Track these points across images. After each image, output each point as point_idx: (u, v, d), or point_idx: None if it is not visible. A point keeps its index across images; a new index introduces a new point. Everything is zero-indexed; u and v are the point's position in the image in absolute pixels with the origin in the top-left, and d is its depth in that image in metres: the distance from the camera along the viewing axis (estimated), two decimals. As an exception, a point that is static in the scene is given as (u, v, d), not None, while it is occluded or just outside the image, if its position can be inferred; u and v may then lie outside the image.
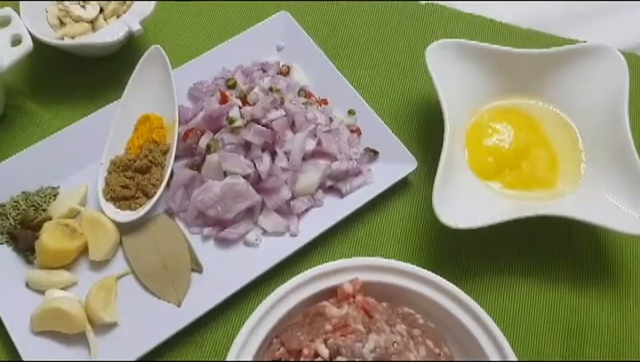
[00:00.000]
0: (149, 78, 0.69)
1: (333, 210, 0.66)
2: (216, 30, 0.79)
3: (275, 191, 0.65)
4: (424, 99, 0.75)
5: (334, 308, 0.57)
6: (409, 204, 0.69)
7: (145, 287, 0.62)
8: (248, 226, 0.65)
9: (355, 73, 0.75)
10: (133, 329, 0.60)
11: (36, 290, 0.61)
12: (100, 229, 0.63)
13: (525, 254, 0.66)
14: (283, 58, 0.75)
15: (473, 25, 0.80)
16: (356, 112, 0.71)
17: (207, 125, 0.67)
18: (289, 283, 0.57)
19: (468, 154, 0.67)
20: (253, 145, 0.65)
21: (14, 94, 0.73)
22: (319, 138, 0.67)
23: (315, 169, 0.66)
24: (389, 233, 0.67)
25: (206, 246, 0.65)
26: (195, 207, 0.65)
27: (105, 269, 0.63)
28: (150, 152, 0.66)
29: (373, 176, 0.68)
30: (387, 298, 0.59)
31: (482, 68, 0.70)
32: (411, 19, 0.80)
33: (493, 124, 0.69)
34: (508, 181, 0.66)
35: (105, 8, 0.73)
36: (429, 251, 0.66)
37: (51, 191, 0.66)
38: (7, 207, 0.65)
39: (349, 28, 0.80)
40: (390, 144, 0.68)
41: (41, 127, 0.72)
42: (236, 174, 0.64)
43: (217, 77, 0.73)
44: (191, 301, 0.61)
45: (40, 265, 0.62)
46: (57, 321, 0.58)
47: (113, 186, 0.65)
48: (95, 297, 0.60)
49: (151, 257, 0.63)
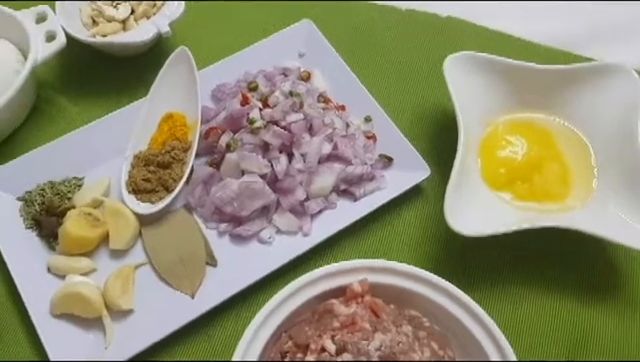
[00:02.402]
0: (175, 77, 0.72)
1: (346, 213, 0.68)
2: (240, 34, 0.81)
3: (290, 191, 0.67)
4: (440, 109, 0.77)
5: (342, 306, 0.58)
6: (420, 211, 0.70)
7: (161, 277, 0.64)
8: (262, 224, 0.67)
9: (373, 81, 0.76)
10: (148, 317, 0.62)
11: (57, 275, 0.64)
12: (121, 219, 0.65)
13: (533, 265, 0.67)
14: (304, 64, 0.77)
15: (492, 40, 0.81)
16: (372, 119, 0.73)
17: (228, 125, 0.70)
18: (299, 280, 0.59)
19: (481, 164, 0.69)
20: (271, 146, 0.67)
21: (46, 88, 0.77)
22: (335, 142, 0.68)
23: (330, 172, 0.68)
24: (400, 238, 0.69)
25: (221, 241, 0.67)
26: (213, 203, 0.67)
27: (124, 258, 0.66)
28: (172, 148, 0.69)
29: (386, 182, 0.69)
30: (395, 300, 0.60)
31: (499, 81, 0.71)
32: (431, 31, 0.82)
33: (507, 136, 0.70)
34: (519, 193, 0.67)
35: (136, 9, 0.76)
36: (438, 257, 0.68)
37: (76, 181, 0.69)
38: (33, 194, 0.67)
39: (370, 37, 0.82)
40: (404, 151, 0.70)
41: (69, 120, 0.75)
42: (253, 173, 0.66)
43: (240, 80, 0.75)
44: (205, 293, 0.63)
45: (62, 251, 0.64)
46: (76, 305, 0.61)
47: (135, 179, 0.68)
48: (113, 284, 0.62)
49: (168, 249, 0.65)
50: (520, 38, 0.81)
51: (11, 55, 0.70)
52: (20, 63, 0.70)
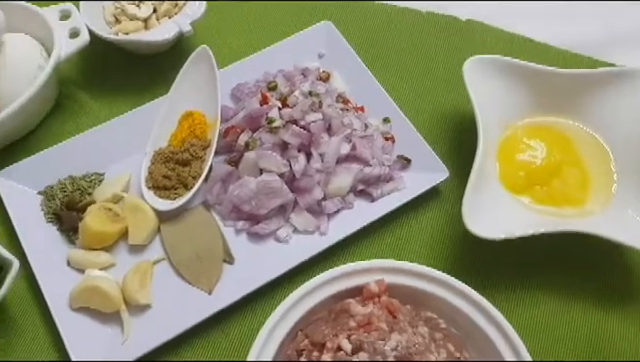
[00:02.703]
0: (195, 76, 0.72)
1: (363, 213, 0.68)
2: (260, 35, 0.82)
3: (308, 191, 0.67)
4: (459, 111, 0.77)
5: (359, 306, 0.58)
6: (438, 213, 0.70)
7: (178, 273, 0.65)
8: (280, 223, 0.67)
9: (392, 83, 0.77)
10: (165, 312, 0.63)
11: (76, 269, 0.65)
12: (140, 215, 0.66)
13: (551, 270, 0.67)
14: (323, 65, 0.78)
15: (511, 43, 0.81)
16: (391, 120, 0.73)
17: (247, 124, 0.70)
18: (316, 279, 0.59)
19: (500, 167, 0.69)
20: (290, 145, 0.67)
21: (68, 84, 0.78)
22: (354, 143, 0.69)
23: (348, 172, 0.68)
24: (417, 239, 0.69)
25: (239, 239, 0.67)
26: (231, 201, 0.67)
27: (142, 253, 0.66)
28: (191, 146, 0.69)
29: (404, 183, 0.69)
30: (411, 301, 0.60)
31: (518, 85, 0.71)
32: (451, 33, 0.82)
33: (526, 140, 0.70)
34: (538, 197, 0.67)
35: (158, 8, 0.77)
36: (455, 259, 0.68)
37: (96, 177, 0.70)
38: (55, 189, 0.68)
39: (389, 39, 0.82)
40: (423, 153, 0.70)
41: (91, 116, 0.75)
42: (272, 172, 0.67)
43: (259, 80, 0.76)
44: (222, 290, 0.64)
45: (82, 245, 0.65)
46: (94, 299, 0.61)
47: (155, 176, 0.68)
48: (131, 279, 0.62)
49: (186, 245, 0.66)
50: (540, 42, 0.81)
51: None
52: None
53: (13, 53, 0.69)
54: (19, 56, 0.70)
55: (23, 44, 0.71)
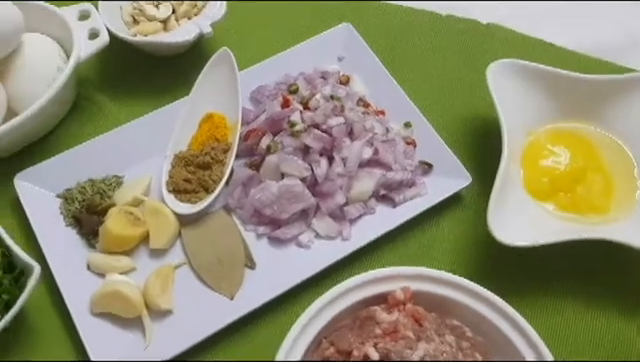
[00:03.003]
0: (216, 78, 0.72)
1: (385, 218, 0.67)
2: (279, 36, 0.81)
3: (330, 195, 0.66)
4: (479, 115, 0.76)
5: (384, 314, 0.58)
6: (460, 219, 0.70)
7: (200, 278, 0.64)
8: (301, 228, 0.67)
9: (412, 86, 0.76)
10: (187, 318, 0.62)
11: (96, 273, 0.64)
12: (161, 219, 0.65)
13: (574, 276, 0.66)
14: (343, 68, 0.77)
15: (532, 47, 0.81)
16: (412, 125, 0.72)
17: (268, 127, 0.69)
18: (341, 285, 0.58)
19: (523, 173, 0.68)
20: (312, 149, 0.67)
21: (86, 85, 0.77)
22: (376, 147, 0.68)
23: (370, 177, 0.67)
24: (439, 245, 0.68)
25: (260, 244, 0.67)
26: (252, 205, 0.67)
27: (163, 258, 0.65)
28: (212, 149, 0.69)
29: (426, 188, 0.69)
30: (436, 309, 0.59)
31: (542, 90, 0.71)
32: (471, 37, 0.82)
33: (550, 146, 0.70)
34: (562, 204, 0.67)
35: (177, 9, 0.76)
36: (477, 265, 0.67)
37: (116, 179, 0.69)
38: (74, 192, 0.68)
39: (409, 42, 0.82)
40: (445, 158, 0.70)
41: (109, 118, 0.75)
42: (293, 176, 0.66)
43: (279, 82, 0.75)
44: (244, 296, 0.63)
45: (102, 249, 0.65)
46: (116, 304, 0.61)
47: (176, 179, 0.68)
48: (153, 283, 0.62)
49: (207, 250, 0.65)
50: (561, 47, 0.81)
51: (54, 52, 0.70)
52: (62, 60, 0.70)
53: (31, 53, 0.69)
54: (37, 57, 0.69)
55: (42, 44, 0.70)
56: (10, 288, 0.57)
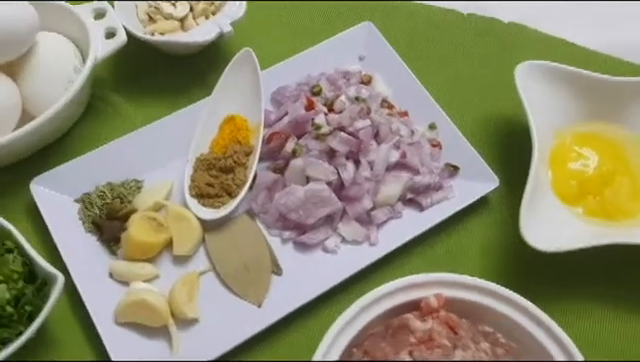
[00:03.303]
0: (238, 80, 0.70)
1: (412, 223, 0.66)
2: (298, 35, 0.79)
3: (357, 200, 0.65)
4: (504, 116, 0.75)
5: (418, 321, 0.57)
6: (487, 222, 0.69)
7: (225, 285, 0.63)
8: (327, 232, 0.65)
9: (434, 86, 0.74)
10: (213, 326, 0.60)
11: (119, 281, 0.62)
12: (185, 224, 0.63)
13: (602, 280, 0.66)
14: (364, 67, 0.75)
15: (554, 47, 0.80)
16: (437, 126, 0.71)
17: (292, 130, 0.68)
18: (373, 293, 0.57)
19: (552, 176, 0.67)
20: (338, 153, 0.65)
21: (100, 85, 0.74)
22: (403, 150, 0.67)
23: (397, 181, 0.66)
24: (466, 250, 0.67)
25: (285, 249, 0.65)
26: (277, 210, 0.65)
27: (187, 265, 0.64)
28: (235, 153, 0.67)
29: (453, 192, 0.68)
30: (468, 315, 0.58)
31: (569, 91, 0.70)
32: (493, 36, 0.80)
33: (578, 148, 0.69)
34: (590, 207, 0.66)
35: (194, 7, 0.74)
36: (506, 269, 0.66)
37: (136, 183, 0.67)
38: (93, 196, 0.66)
39: (430, 41, 0.80)
40: (471, 160, 0.69)
41: (125, 120, 0.72)
42: (319, 180, 0.65)
43: (300, 83, 0.73)
44: (271, 303, 0.62)
45: (125, 256, 0.63)
46: (141, 313, 0.59)
47: (198, 183, 0.66)
48: (179, 291, 0.60)
49: (232, 256, 0.64)
50: (584, 47, 0.80)
51: (69, 51, 0.68)
52: (78, 60, 0.68)
53: (47, 53, 0.66)
54: (53, 57, 0.66)
55: (57, 44, 0.68)
56: (33, 299, 0.55)
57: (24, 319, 0.55)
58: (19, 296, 0.55)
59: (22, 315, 0.55)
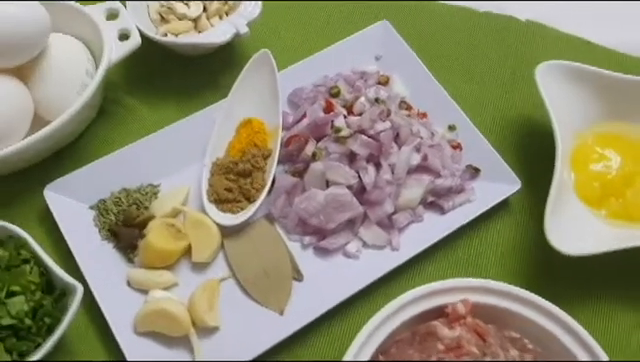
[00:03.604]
0: (254, 82, 0.68)
1: (434, 226, 0.65)
2: (313, 35, 0.78)
3: (379, 204, 0.64)
4: (522, 116, 0.74)
5: (445, 328, 0.56)
6: (508, 225, 0.68)
7: (246, 292, 0.62)
8: (348, 237, 0.64)
9: (452, 86, 0.73)
10: (235, 335, 0.59)
11: (137, 289, 0.61)
12: (204, 231, 0.62)
13: (625, 283, 0.65)
14: (381, 68, 0.74)
15: (571, 45, 0.79)
16: (456, 127, 0.70)
17: (311, 132, 0.67)
18: (399, 300, 0.56)
19: (574, 178, 0.66)
20: (358, 156, 0.64)
21: (112, 88, 0.73)
22: (424, 153, 0.66)
23: (418, 184, 0.65)
24: (488, 253, 0.66)
25: (305, 254, 0.64)
26: (297, 214, 0.64)
27: (205, 272, 0.63)
28: (252, 156, 0.66)
29: (475, 194, 0.67)
30: (493, 321, 0.58)
31: (589, 91, 0.69)
32: (510, 34, 0.79)
33: (599, 149, 0.68)
34: (613, 209, 0.65)
35: (208, 7, 0.73)
36: (528, 272, 0.65)
37: (151, 189, 0.66)
38: (108, 203, 0.64)
39: (446, 40, 0.79)
40: (492, 162, 0.67)
41: (139, 122, 0.71)
42: (339, 184, 0.64)
43: (317, 84, 0.72)
44: (293, 310, 0.61)
45: (143, 264, 0.61)
46: (162, 322, 0.58)
47: (216, 188, 0.64)
48: (200, 300, 0.59)
49: (252, 262, 0.62)
50: (602, 46, 0.79)
51: (82, 54, 0.66)
52: (90, 62, 0.66)
53: (59, 56, 0.64)
54: (65, 60, 0.65)
55: (69, 46, 0.66)
56: (52, 311, 0.54)
57: (43, 331, 0.54)
58: (37, 308, 0.54)
59: (41, 327, 0.53)
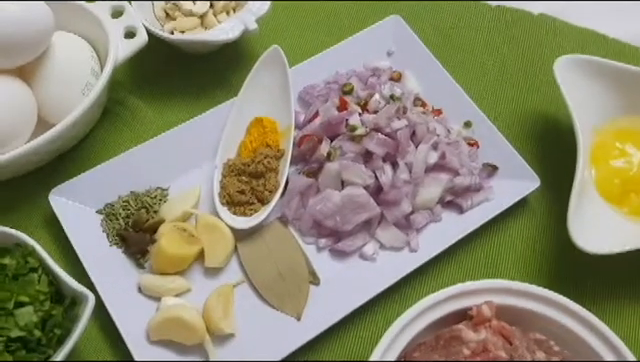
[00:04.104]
0: (265, 80, 0.66)
1: (453, 226, 0.63)
2: (323, 31, 0.76)
3: (396, 204, 0.62)
4: (539, 112, 0.72)
5: (471, 332, 0.54)
6: (527, 223, 0.66)
7: (261, 297, 0.60)
8: (365, 238, 0.62)
9: (466, 82, 0.71)
10: (251, 342, 0.57)
11: (148, 296, 0.59)
12: (217, 235, 0.60)
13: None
14: (393, 63, 0.72)
15: (585, 39, 0.77)
16: (472, 124, 0.68)
17: (324, 131, 0.65)
18: (421, 303, 0.54)
19: (595, 175, 0.65)
20: (374, 155, 0.62)
21: (117, 88, 0.70)
22: (442, 151, 0.64)
23: (436, 183, 0.63)
24: (508, 253, 0.65)
25: (321, 257, 0.62)
26: (312, 216, 0.62)
27: (219, 277, 0.61)
28: (265, 157, 0.63)
29: (494, 193, 0.65)
30: (517, 322, 0.56)
31: (607, 86, 0.67)
32: (523, 29, 0.77)
33: (619, 145, 0.66)
34: (635, 206, 0.64)
35: (215, 4, 0.70)
36: (550, 272, 0.64)
37: (161, 192, 0.63)
38: (116, 207, 0.62)
39: (457, 35, 0.77)
40: (510, 159, 0.66)
41: (146, 124, 0.69)
42: (355, 184, 0.62)
43: (328, 81, 0.70)
44: (311, 315, 0.59)
45: (154, 270, 0.59)
46: (177, 331, 0.56)
47: (229, 190, 0.62)
48: (215, 306, 0.57)
49: (267, 266, 0.60)
50: (615, 39, 0.77)
51: (86, 52, 0.64)
52: (95, 61, 0.64)
53: (63, 55, 0.62)
54: (70, 59, 0.62)
55: (73, 45, 0.63)
56: (63, 321, 0.52)
57: (53, 342, 0.51)
58: (46, 318, 0.51)
59: (51, 339, 0.51)
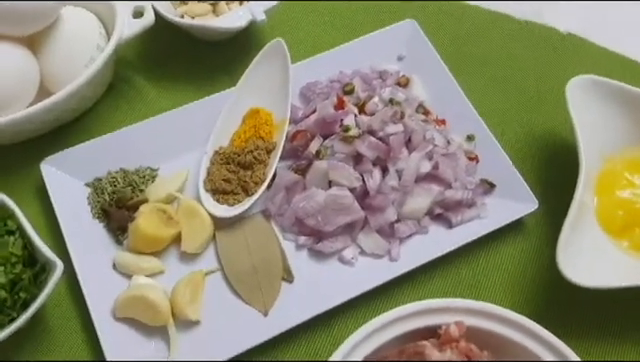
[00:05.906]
0: (266, 72, 0.66)
1: (439, 240, 0.61)
2: (334, 30, 0.75)
3: (381, 210, 0.60)
4: (549, 133, 0.69)
5: (435, 351, 0.52)
6: (520, 247, 0.63)
7: (232, 288, 0.59)
8: (346, 242, 0.61)
9: (477, 94, 0.69)
10: (215, 331, 0.57)
11: (122, 273, 0.59)
12: (196, 220, 0.60)
13: None
14: (403, 68, 0.71)
15: (611, 63, 0.73)
16: (475, 138, 0.66)
17: (318, 129, 0.64)
18: (389, 314, 0.53)
19: (597, 203, 0.61)
20: (365, 158, 0.61)
21: (124, 65, 0.71)
22: (436, 161, 0.62)
23: (426, 194, 0.61)
24: (495, 275, 0.62)
25: (299, 255, 0.61)
26: (294, 213, 0.61)
27: (194, 262, 0.60)
28: (256, 148, 0.63)
29: (487, 210, 0.62)
30: (489, 347, 0.53)
31: (622, 111, 0.64)
32: (546, 46, 0.74)
33: (628, 175, 0.63)
34: (636, 241, 0.60)
35: (228, -9, 0.71)
36: (536, 302, 0.61)
37: (150, 172, 0.64)
38: (104, 182, 0.63)
39: (477, 46, 0.75)
40: (509, 178, 0.63)
41: (147, 104, 0.69)
42: (342, 186, 0.60)
43: (332, 79, 0.69)
44: (278, 312, 0.58)
45: (130, 248, 0.60)
46: (141, 310, 0.56)
47: (215, 178, 0.62)
48: (183, 291, 0.57)
49: (242, 257, 0.60)
50: None
51: (94, 28, 0.65)
52: (102, 37, 0.65)
53: (70, 29, 0.63)
54: (76, 33, 0.64)
55: (81, 19, 0.65)
56: (29, 286, 0.53)
57: (18, 305, 0.52)
58: (16, 281, 0.52)
59: (16, 301, 0.52)
